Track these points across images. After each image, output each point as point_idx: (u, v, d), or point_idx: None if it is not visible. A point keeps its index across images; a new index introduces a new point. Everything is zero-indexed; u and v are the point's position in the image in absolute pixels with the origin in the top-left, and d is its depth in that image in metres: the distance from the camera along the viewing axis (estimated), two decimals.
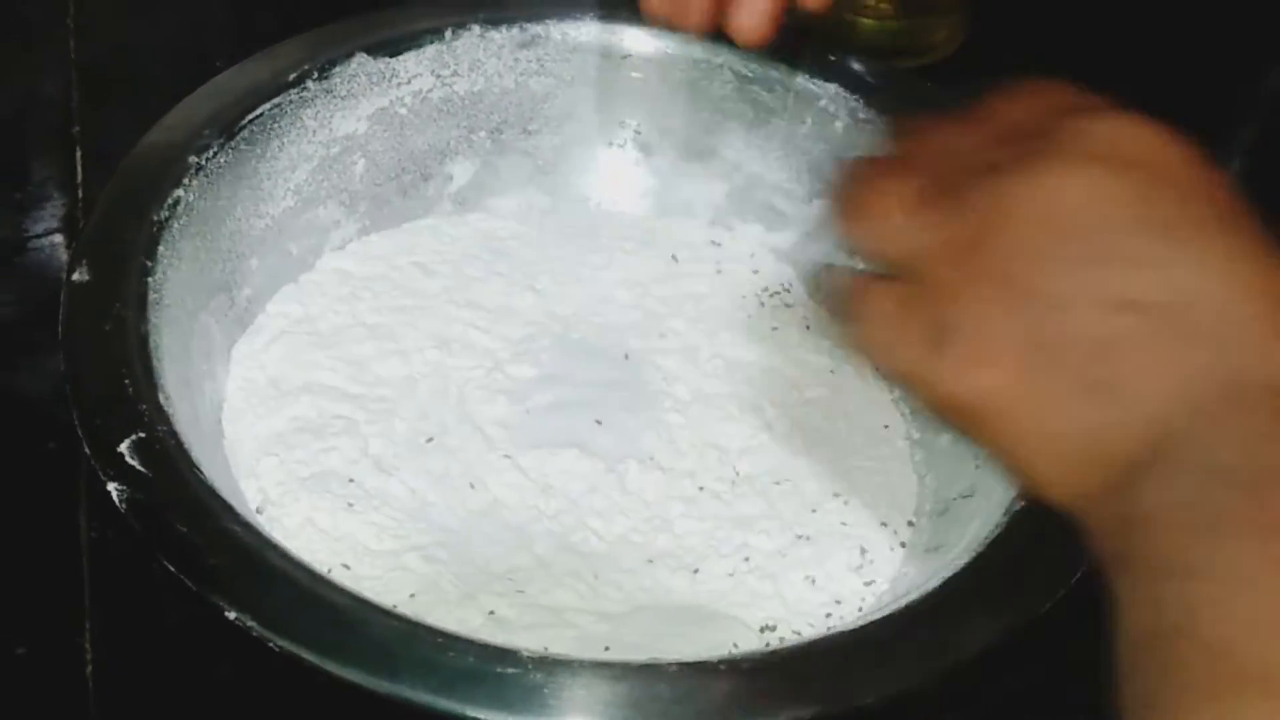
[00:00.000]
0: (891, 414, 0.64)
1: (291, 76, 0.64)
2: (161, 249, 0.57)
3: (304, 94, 0.64)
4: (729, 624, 0.56)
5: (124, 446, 0.50)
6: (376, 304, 0.65)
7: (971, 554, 0.52)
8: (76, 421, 0.51)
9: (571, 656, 0.47)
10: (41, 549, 0.58)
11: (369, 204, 0.68)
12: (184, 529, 0.48)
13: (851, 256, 0.45)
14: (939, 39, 0.83)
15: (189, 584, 0.47)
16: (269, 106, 0.63)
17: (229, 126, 0.62)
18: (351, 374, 0.62)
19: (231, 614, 0.47)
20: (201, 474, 0.50)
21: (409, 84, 0.67)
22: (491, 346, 0.64)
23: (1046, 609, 0.50)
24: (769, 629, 0.56)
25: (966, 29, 0.84)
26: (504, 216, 0.70)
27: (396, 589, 0.55)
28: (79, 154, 0.72)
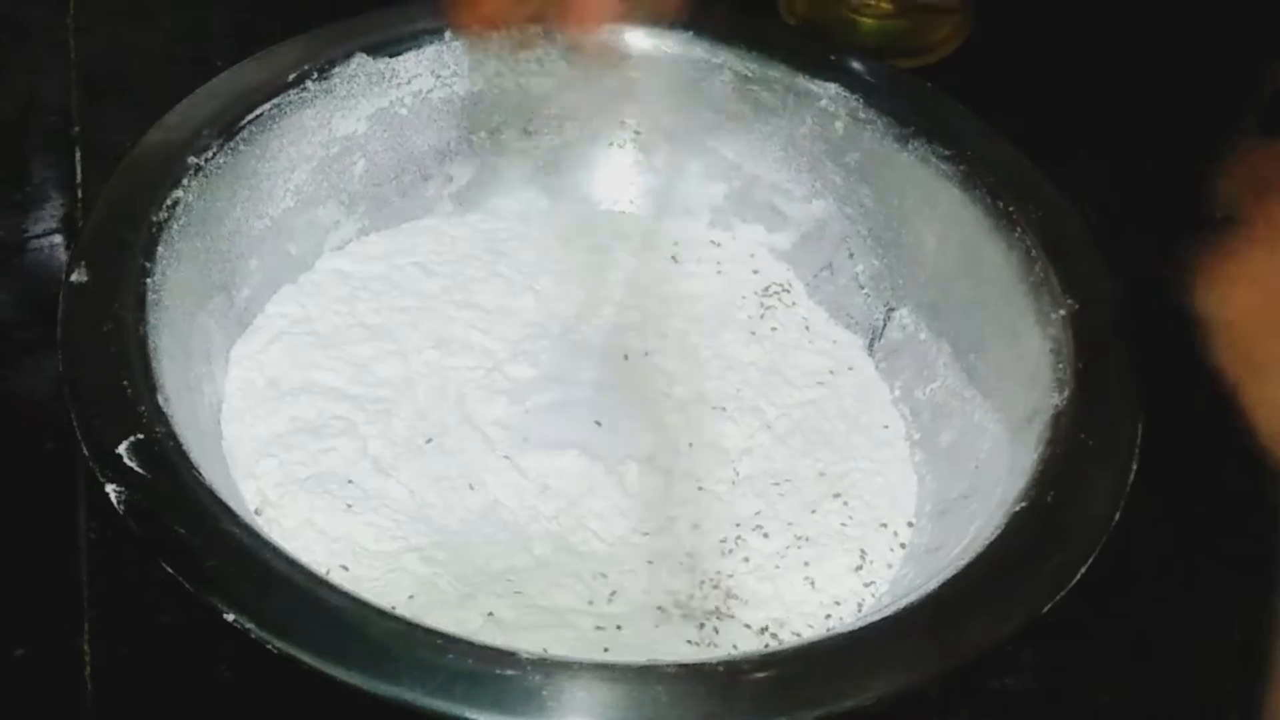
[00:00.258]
0: (891, 415, 0.64)
1: (291, 77, 0.64)
2: (160, 250, 0.57)
3: (304, 94, 0.64)
4: (728, 625, 0.56)
5: (122, 448, 0.50)
6: (376, 304, 0.65)
7: (971, 555, 0.52)
8: (75, 423, 0.51)
9: (570, 658, 0.47)
10: (40, 550, 0.58)
11: (368, 204, 0.67)
12: (182, 530, 0.48)
13: None
14: (939, 38, 0.83)
15: (187, 586, 0.47)
16: (268, 107, 0.63)
17: (228, 127, 0.62)
18: (351, 374, 0.62)
19: (230, 616, 0.47)
20: (200, 475, 0.50)
21: (409, 84, 0.67)
22: (491, 347, 0.64)
23: (1046, 610, 0.50)
24: (768, 630, 0.56)
25: (967, 28, 0.84)
26: (504, 217, 0.70)
27: (395, 590, 0.55)
28: (78, 154, 0.72)
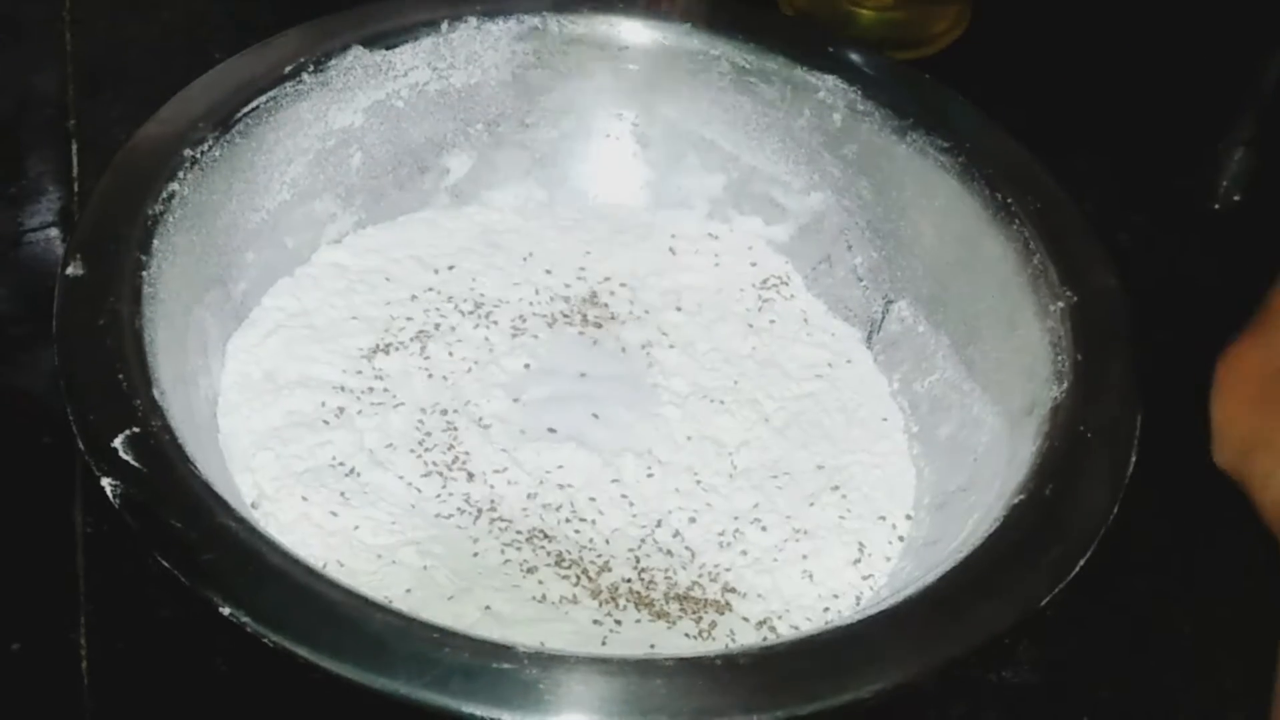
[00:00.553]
0: (890, 407, 0.64)
1: (287, 69, 0.64)
2: (156, 243, 0.57)
3: (300, 87, 0.64)
4: (726, 618, 0.56)
5: (118, 442, 0.50)
6: (373, 297, 0.65)
7: (969, 548, 0.52)
8: (70, 417, 0.51)
9: (567, 652, 0.47)
10: (36, 544, 0.58)
11: (365, 197, 0.67)
12: (178, 524, 0.48)
13: None
14: (938, 30, 0.83)
15: (183, 579, 0.47)
16: (264, 100, 0.63)
17: (224, 120, 0.61)
18: (347, 368, 0.62)
19: (225, 609, 0.47)
20: (196, 469, 0.50)
21: (405, 77, 0.67)
22: (488, 339, 0.64)
23: (1044, 603, 0.50)
24: (766, 623, 0.56)
25: (966, 20, 0.84)
26: (501, 209, 0.70)
27: (392, 584, 0.54)
28: (74, 147, 0.72)
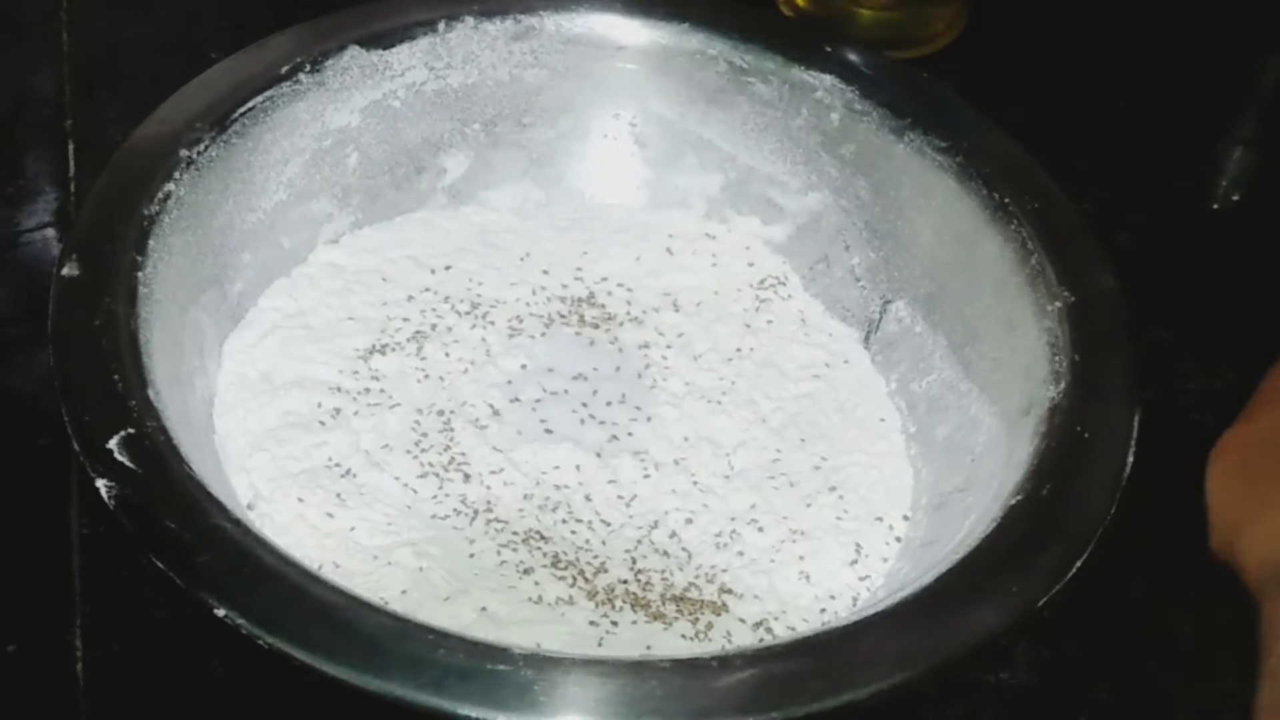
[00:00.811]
0: (887, 408, 0.64)
1: (283, 69, 0.64)
2: (152, 243, 0.57)
3: (296, 87, 0.64)
4: (723, 619, 0.56)
5: (113, 443, 0.50)
6: (369, 297, 0.65)
7: (966, 549, 0.52)
8: (65, 418, 0.51)
9: (562, 653, 0.47)
10: (32, 545, 0.57)
11: (362, 197, 0.67)
12: (173, 526, 0.48)
13: None
14: (936, 29, 0.83)
15: (177, 581, 0.47)
16: (261, 100, 0.63)
17: (220, 120, 0.61)
18: (344, 368, 0.62)
19: (220, 611, 0.46)
20: (191, 470, 0.50)
21: (402, 76, 0.67)
22: (485, 340, 0.64)
23: (1041, 604, 0.50)
24: (763, 624, 0.56)
25: (963, 20, 0.84)
26: (498, 209, 0.70)
27: (388, 585, 0.54)
28: (71, 148, 0.72)
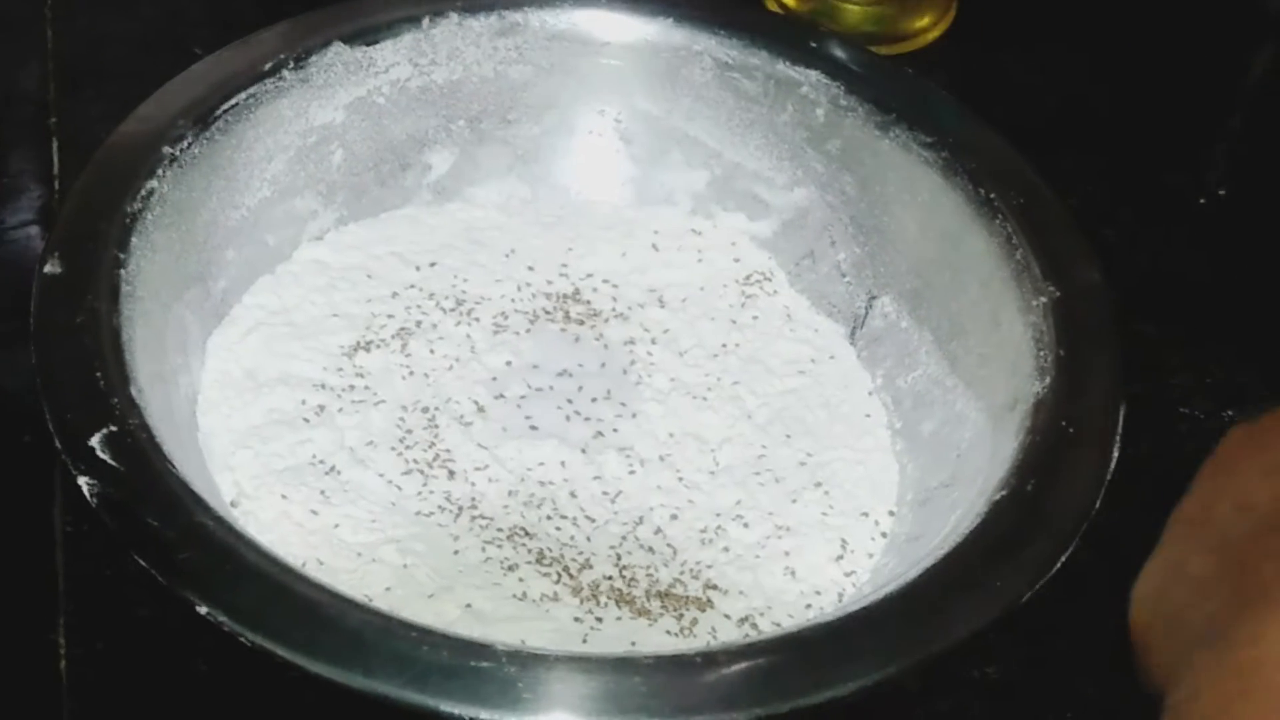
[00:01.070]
0: (873, 403, 0.64)
1: (267, 66, 0.63)
2: (135, 241, 0.57)
3: (280, 84, 0.63)
4: (708, 615, 0.56)
5: (95, 440, 0.50)
6: (354, 294, 0.65)
7: (952, 544, 0.52)
8: (47, 416, 0.51)
9: (546, 650, 0.46)
10: (15, 543, 0.57)
11: (347, 194, 0.67)
12: (155, 524, 0.48)
13: None
14: (922, 25, 0.83)
15: (160, 579, 0.47)
16: (244, 96, 0.62)
17: (204, 117, 0.61)
18: (328, 365, 0.62)
19: (203, 609, 0.46)
20: (173, 468, 0.50)
21: (386, 73, 0.66)
22: (470, 336, 0.64)
23: (1026, 599, 0.50)
24: (749, 620, 0.56)
25: (950, 16, 0.84)
26: (483, 206, 0.70)
27: (372, 582, 0.54)
28: (55, 145, 0.72)
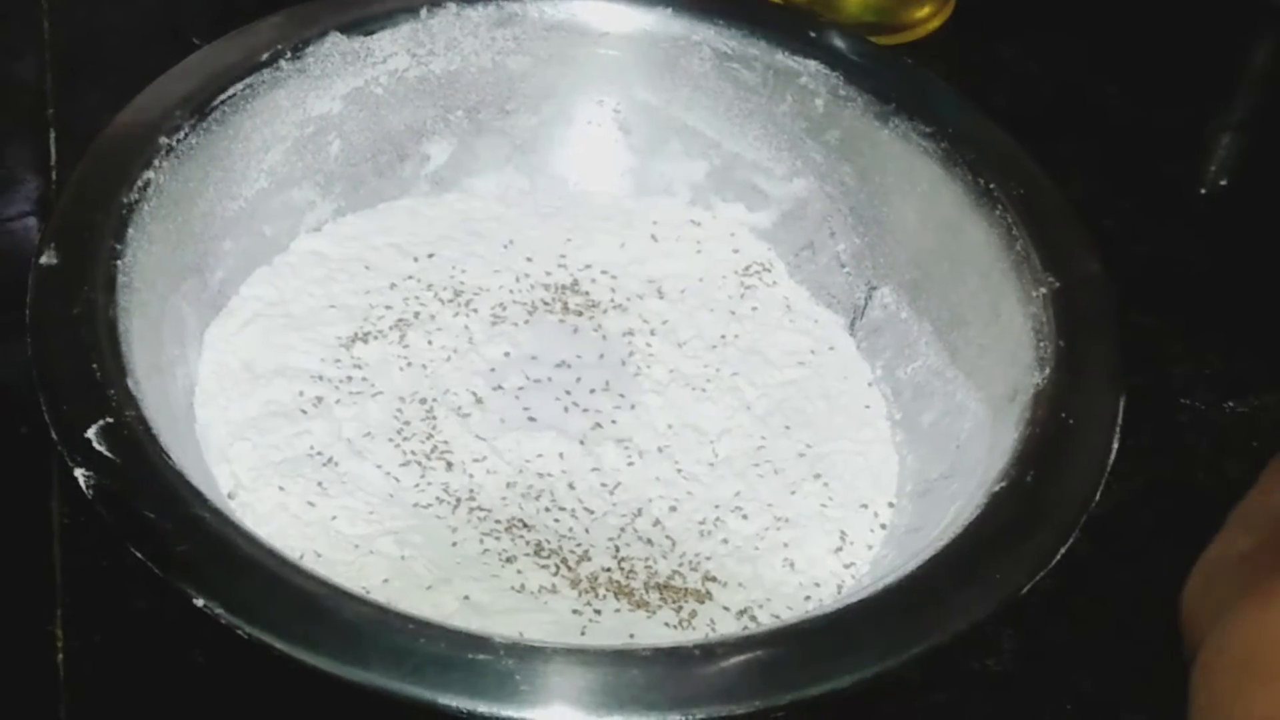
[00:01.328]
0: (872, 395, 0.64)
1: (264, 56, 0.63)
2: (131, 231, 0.56)
3: (277, 74, 0.63)
4: (707, 607, 0.55)
5: (91, 432, 0.49)
6: (352, 286, 0.64)
7: (951, 536, 0.52)
8: (44, 407, 0.50)
9: (544, 642, 0.46)
10: (12, 535, 0.57)
11: (344, 185, 0.67)
12: (152, 515, 0.48)
13: None
14: (922, 15, 0.83)
15: (156, 571, 0.47)
16: (241, 87, 0.62)
17: (201, 107, 0.61)
18: (325, 357, 0.61)
19: (199, 601, 0.46)
20: (170, 460, 0.50)
21: (384, 63, 0.66)
22: (468, 327, 0.64)
23: (1025, 591, 0.50)
24: (747, 612, 0.56)
25: (950, 5, 0.83)
26: (482, 196, 0.69)
27: (370, 574, 0.54)
28: (53, 136, 0.72)
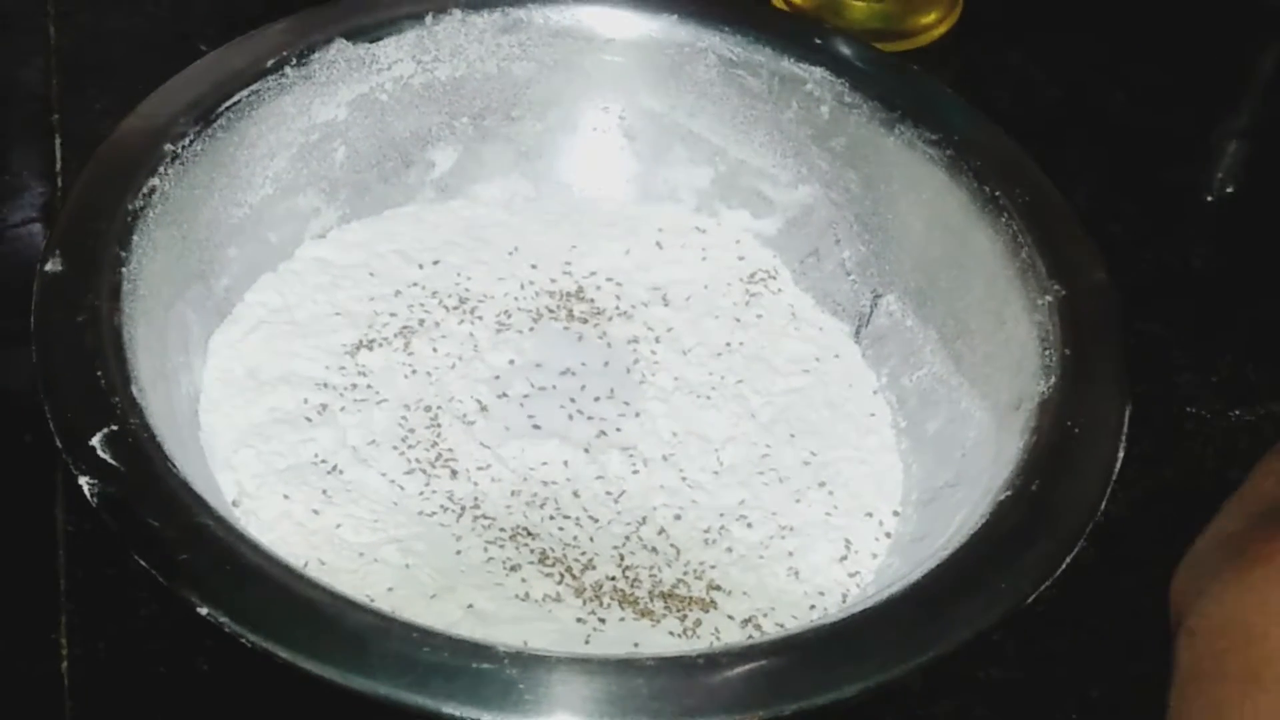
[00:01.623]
0: (877, 402, 0.64)
1: (270, 63, 0.63)
2: (136, 238, 0.56)
3: (283, 80, 0.63)
4: (711, 616, 0.55)
5: (96, 440, 0.49)
6: (357, 292, 0.64)
7: (957, 544, 0.52)
8: (48, 415, 0.50)
9: (548, 652, 0.46)
10: (17, 543, 0.57)
11: (349, 191, 0.67)
12: (156, 523, 0.48)
13: None
14: (929, 22, 0.83)
15: (160, 579, 0.47)
16: (247, 93, 0.62)
17: (206, 114, 0.61)
18: (330, 364, 0.61)
19: (203, 610, 0.46)
20: (174, 467, 0.50)
21: (389, 70, 0.66)
22: (473, 335, 0.64)
23: (1031, 600, 0.50)
24: (752, 621, 0.56)
25: (956, 12, 0.83)
26: (487, 203, 0.69)
27: (374, 582, 0.54)
28: (58, 142, 0.72)
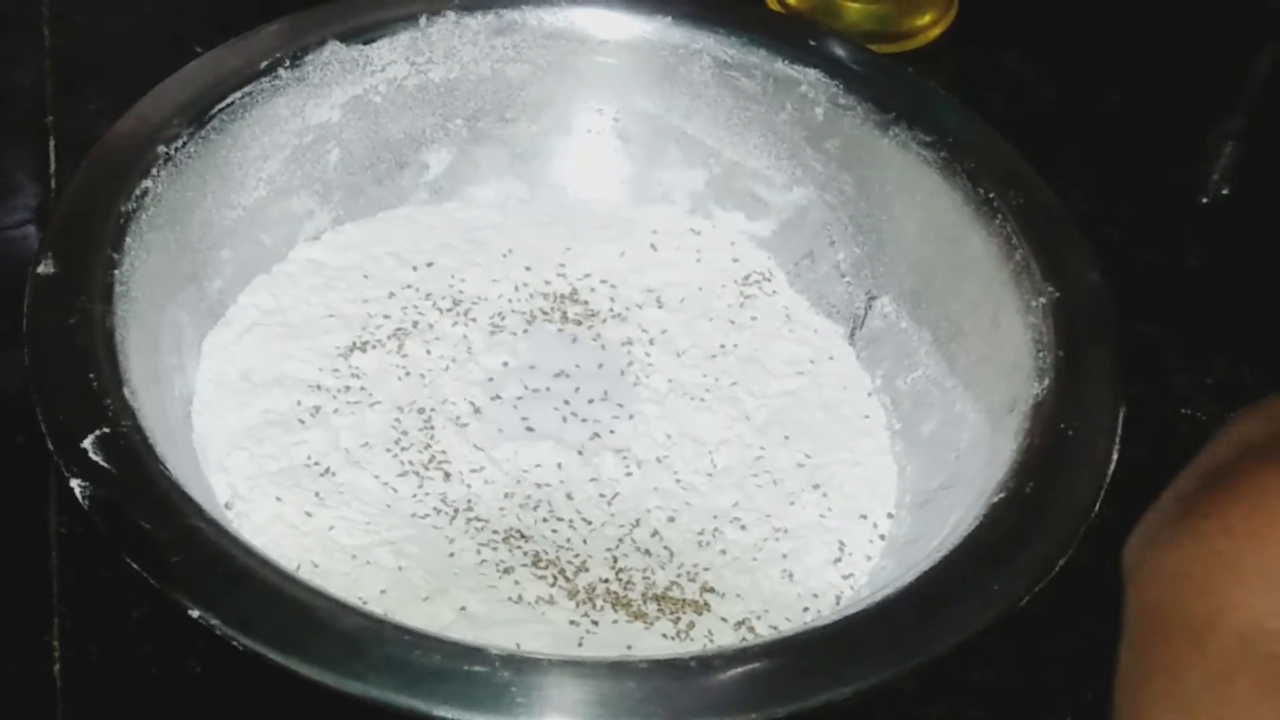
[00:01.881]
0: (872, 405, 0.63)
1: (263, 64, 0.63)
2: (129, 241, 0.56)
3: (276, 82, 0.63)
4: (705, 618, 0.55)
5: (88, 442, 0.49)
6: (350, 294, 0.64)
7: (950, 547, 0.52)
8: (40, 417, 0.50)
9: (540, 654, 0.46)
10: (10, 545, 0.57)
11: (343, 193, 0.67)
12: (147, 526, 0.48)
13: None
14: (923, 24, 0.82)
15: (151, 581, 0.47)
16: (240, 95, 0.62)
17: (199, 116, 0.61)
18: (324, 366, 0.61)
19: (195, 612, 0.46)
20: (167, 469, 0.50)
21: (383, 71, 0.66)
22: (467, 337, 0.64)
23: (1024, 602, 0.50)
24: (745, 624, 0.55)
25: (951, 14, 0.83)
26: (481, 205, 0.69)
27: (367, 585, 0.54)
28: (52, 143, 0.72)
